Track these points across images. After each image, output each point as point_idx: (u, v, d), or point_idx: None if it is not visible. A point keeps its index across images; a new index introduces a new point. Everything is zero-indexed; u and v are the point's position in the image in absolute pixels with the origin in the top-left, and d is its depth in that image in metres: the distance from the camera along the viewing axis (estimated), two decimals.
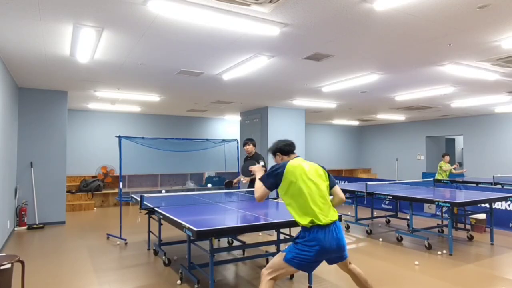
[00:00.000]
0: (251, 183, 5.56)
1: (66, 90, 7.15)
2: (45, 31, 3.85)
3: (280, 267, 2.58)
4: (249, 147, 5.50)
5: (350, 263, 2.82)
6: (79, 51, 4.44)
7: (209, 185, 4.87)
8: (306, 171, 2.69)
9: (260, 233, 5.89)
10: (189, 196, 5.39)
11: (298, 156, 2.89)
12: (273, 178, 2.70)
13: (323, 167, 2.88)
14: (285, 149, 2.91)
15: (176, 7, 3.13)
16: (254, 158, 5.62)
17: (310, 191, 2.62)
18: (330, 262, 2.72)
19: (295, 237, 2.66)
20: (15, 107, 6.37)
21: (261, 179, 2.75)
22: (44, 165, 6.91)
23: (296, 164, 2.71)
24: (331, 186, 2.84)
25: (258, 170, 2.97)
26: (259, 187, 2.72)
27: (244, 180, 5.36)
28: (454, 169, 8.71)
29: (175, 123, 11.34)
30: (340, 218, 3.61)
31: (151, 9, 3.27)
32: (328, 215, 2.61)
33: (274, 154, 2.95)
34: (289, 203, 2.67)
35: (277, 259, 2.62)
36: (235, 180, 5.67)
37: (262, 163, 5.53)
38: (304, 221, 2.56)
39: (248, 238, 5.67)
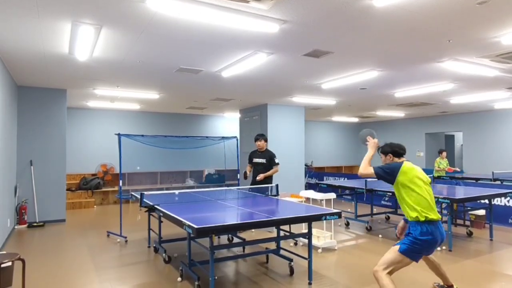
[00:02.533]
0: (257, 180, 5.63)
1: (65, 88, 7.13)
2: (43, 29, 3.84)
3: (396, 260, 2.87)
4: (261, 143, 5.66)
5: None
6: (77, 49, 4.43)
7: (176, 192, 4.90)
8: (418, 173, 3.03)
9: (253, 231, 5.89)
10: (189, 194, 5.40)
11: (408, 161, 3.13)
12: (384, 171, 3.04)
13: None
14: (400, 152, 3.21)
15: (175, 5, 3.12)
16: (266, 154, 5.68)
17: (423, 190, 2.95)
18: (428, 253, 3.02)
19: (408, 232, 2.97)
20: (14, 106, 6.36)
21: (376, 167, 3.06)
22: (44, 163, 6.91)
23: (410, 167, 3.04)
24: None
25: (373, 145, 3.28)
26: (368, 167, 3.11)
27: (260, 178, 5.46)
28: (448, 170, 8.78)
29: (175, 121, 11.33)
30: (340, 215, 3.63)
31: (150, 7, 3.26)
32: (435, 212, 2.94)
33: (386, 153, 3.23)
34: (407, 198, 2.98)
35: (390, 255, 2.89)
36: (248, 172, 5.78)
37: (277, 160, 5.61)
38: (414, 215, 2.92)
39: (248, 235, 5.68)
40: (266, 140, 5.76)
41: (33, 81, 6.48)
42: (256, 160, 5.77)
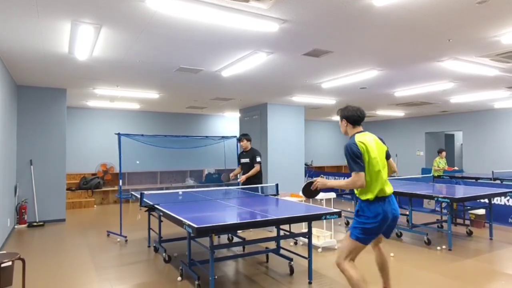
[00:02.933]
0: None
1: (65, 88, 7.13)
2: (43, 28, 3.84)
3: (350, 247, 2.71)
4: (243, 143, 5.67)
5: (381, 241, 3.02)
6: (77, 48, 4.43)
7: (180, 193, 4.88)
8: (372, 147, 2.73)
9: (251, 230, 5.89)
10: (189, 193, 5.40)
11: (362, 131, 2.86)
12: (361, 160, 2.67)
13: (381, 139, 2.93)
14: (355, 118, 2.85)
15: (174, 4, 3.12)
16: (250, 153, 5.70)
17: (378, 165, 2.71)
18: (384, 232, 2.84)
19: (356, 212, 2.78)
20: (14, 105, 6.35)
21: (352, 169, 2.66)
22: (44, 163, 6.91)
23: (363, 140, 2.73)
24: (387, 157, 2.91)
25: (323, 182, 2.88)
26: (355, 179, 2.64)
27: (241, 180, 5.48)
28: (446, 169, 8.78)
29: (175, 120, 11.32)
30: (340, 214, 3.63)
31: (150, 6, 3.26)
32: (388, 187, 2.74)
33: (341, 118, 2.92)
34: (368, 178, 2.70)
35: (345, 243, 2.75)
36: (231, 175, 5.76)
37: (258, 159, 5.59)
38: (371, 195, 2.68)
39: (248, 234, 5.69)
40: (249, 140, 5.74)
41: (32, 81, 6.48)
42: (242, 160, 5.83)
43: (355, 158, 2.66)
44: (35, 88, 6.93)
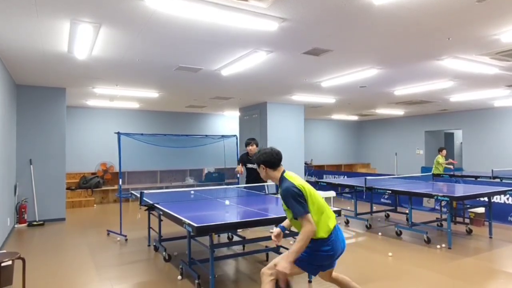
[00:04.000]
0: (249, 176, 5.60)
1: (64, 87, 7.12)
2: (42, 27, 3.83)
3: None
4: (252, 148, 5.46)
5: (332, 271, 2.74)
6: (76, 47, 4.42)
7: (227, 202, 4.76)
8: (305, 183, 2.57)
9: (248, 230, 5.88)
10: (189, 192, 5.40)
11: (285, 170, 2.66)
12: (303, 201, 2.45)
13: None
14: (273, 161, 2.63)
15: (173, 3, 3.11)
16: (255, 159, 5.58)
17: (318, 198, 2.54)
18: (326, 268, 2.58)
19: (307, 248, 2.47)
20: (13, 105, 6.35)
21: (298, 215, 2.41)
22: (44, 162, 6.91)
23: (296, 178, 2.57)
24: None
25: (283, 266, 2.44)
26: (307, 228, 2.38)
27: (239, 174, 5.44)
28: (448, 164, 8.81)
29: (174, 119, 11.32)
30: (339, 213, 3.63)
31: (149, 5, 3.25)
32: (333, 217, 2.56)
33: (258, 164, 2.68)
34: (316, 217, 2.47)
35: (281, 260, 2.49)
36: (240, 170, 5.64)
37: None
38: (327, 232, 2.46)
39: (248, 233, 5.69)
40: (257, 145, 5.64)
41: (32, 80, 6.47)
42: (248, 165, 5.64)
43: (300, 200, 2.42)
44: (34, 87, 6.92)
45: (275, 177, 2.66)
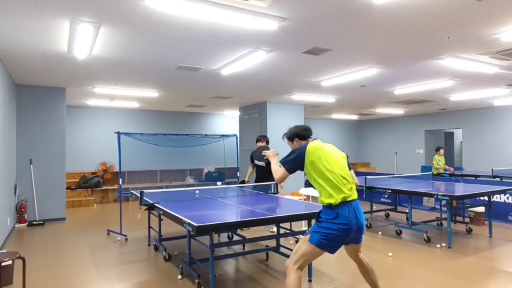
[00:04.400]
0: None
1: (64, 87, 7.12)
2: (42, 27, 3.83)
3: (306, 251, 2.50)
4: (262, 144, 5.62)
5: (360, 251, 2.81)
6: (76, 47, 4.42)
7: (219, 183, 4.87)
8: (327, 151, 2.68)
9: (249, 228, 5.89)
10: (189, 192, 5.40)
11: (316, 139, 2.84)
12: (294, 162, 2.65)
13: (342, 151, 2.92)
14: (303, 134, 2.88)
15: (173, 2, 3.11)
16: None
17: (333, 169, 2.59)
18: (348, 243, 2.66)
19: (317, 217, 2.60)
20: (13, 104, 6.35)
21: (281, 162, 2.70)
22: (44, 162, 6.91)
23: (316, 145, 2.68)
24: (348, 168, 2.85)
25: (272, 155, 2.98)
26: (278, 170, 2.70)
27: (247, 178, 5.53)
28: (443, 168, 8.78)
29: (174, 119, 11.32)
30: None
31: (149, 4, 3.25)
32: (352, 193, 2.58)
33: (292, 139, 2.91)
34: (316, 183, 2.61)
35: (301, 245, 2.54)
36: (246, 179, 5.76)
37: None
38: (331, 199, 2.51)
39: (248, 233, 5.69)
40: (268, 142, 5.75)
41: (32, 80, 6.47)
42: (257, 162, 5.76)
43: (293, 157, 2.67)
44: (34, 87, 6.92)
45: None
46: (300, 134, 2.88)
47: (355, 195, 2.58)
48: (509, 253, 4.67)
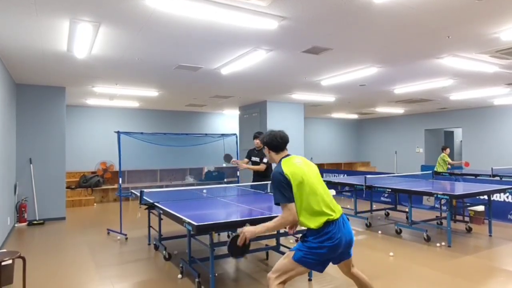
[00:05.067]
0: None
1: (64, 86, 7.12)
2: (41, 26, 3.83)
3: (289, 268, 2.36)
4: (259, 141, 5.59)
5: (353, 266, 2.66)
6: (76, 46, 4.41)
7: (204, 191, 4.94)
8: (305, 170, 2.45)
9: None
10: (189, 191, 5.40)
11: (288, 155, 2.58)
12: (289, 188, 2.38)
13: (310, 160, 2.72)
14: (274, 145, 2.57)
15: (173, 1, 3.11)
16: (261, 153, 5.68)
17: (315, 187, 2.42)
18: (336, 260, 2.50)
19: (303, 235, 2.45)
20: (13, 104, 6.34)
21: (278, 201, 2.41)
22: (43, 161, 6.91)
23: (290, 165, 2.44)
24: None
25: (250, 230, 2.46)
26: (285, 215, 2.39)
27: (241, 167, 5.44)
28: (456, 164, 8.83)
29: (174, 118, 11.32)
30: None
31: (148, 4, 3.25)
32: (335, 209, 2.44)
33: (263, 144, 2.65)
34: (299, 207, 2.40)
35: (284, 261, 2.39)
36: (237, 160, 5.67)
37: (265, 160, 5.57)
38: (316, 222, 2.34)
39: None
40: None
41: (31, 79, 6.47)
42: (253, 158, 5.80)
43: (281, 188, 2.37)
44: (34, 86, 6.91)
45: (276, 162, 2.58)
46: (270, 144, 2.58)
47: (338, 212, 2.43)
48: (509, 252, 4.68)
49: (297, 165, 2.46)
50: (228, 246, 2.46)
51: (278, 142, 2.57)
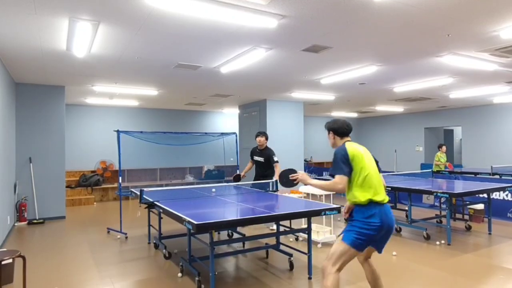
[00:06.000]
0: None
1: (63, 85, 7.11)
2: (40, 25, 3.82)
3: (342, 253, 2.51)
4: (262, 139, 5.69)
5: (370, 256, 2.81)
6: (75, 45, 4.41)
7: (213, 190, 5.00)
8: (363, 154, 2.71)
9: (250, 227, 5.91)
10: (189, 190, 5.40)
11: (350, 140, 2.90)
12: (348, 165, 2.64)
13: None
14: (340, 130, 2.92)
15: (172, 0, 3.10)
16: (265, 153, 5.69)
17: (371, 171, 2.65)
18: (375, 244, 2.64)
19: (350, 218, 2.64)
20: (12, 103, 6.34)
21: (334, 172, 2.66)
22: (43, 160, 6.90)
23: (353, 148, 2.73)
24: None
25: (305, 177, 2.89)
26: (335, 182, 2.63)
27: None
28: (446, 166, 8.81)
29: (174, 117, 11.31)
30: (339, 210, 3.65)
31: (148, 2, 3.24)
32: (384, 195, 2.64)
33: (328, 131, 2.99)
34: (355, 181, 2.63)
35: (337, 246, 2.55)
36: (242, 173, 5.73)
37: (276, 158, 5.59)
38: (366, 197, 2.55)
39: (247, 231, 5.70)
40: (267, 138, 5.78)
41: (31, 78, 6.46)
42: (256, 158, 5.83)
43: (340, 162, 2.65)
44: (33, 85, 6.90)
45: (337, 145, 2.88)
46: (336, 130, 2.93)
47: (386, 199, 2.63)
48: (509, 250, 4.69)
49: (358, 149, 2.76)
50: (280, 174, 3.01)
51: (345, 129, 2.92)
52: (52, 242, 5.32)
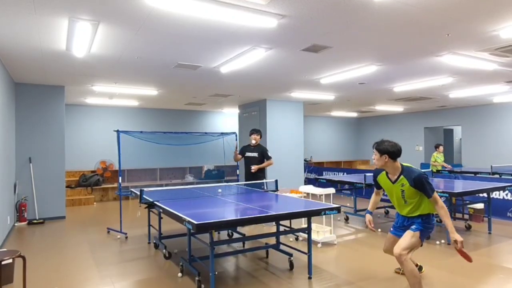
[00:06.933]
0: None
1: (63, 85, 7.11)
2: (40, 25, 3.82)
3: (414, 244, 3.09)
4: (257, 137, 5.91)
5: None
6: (75, 45, 4.41)
7: (220, 191, 5.07)
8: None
9: (253, 226, 5.93)
10: (189, 190, 5.40)
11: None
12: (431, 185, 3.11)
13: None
14: (395, 155, 3.22)
15: (172, 0, 3.10)
16: (259, 149, 5.85)
17: None
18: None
19: (423, 220, 3.16)
20: (12, 103, 6.34)
21: (432, 191, 3.06)
22: (43, 160, 6.90)
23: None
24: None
25: (456, 236, 2.98)
26: (438, 197, 3.10)
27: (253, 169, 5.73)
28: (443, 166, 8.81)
29: (174, 117, 11.31)
30: (339, 210, 3.66)
31: (147, 2, 3.24)
32: None
33: (381, 154, 3.21)
34: (425, 199, 3.16)
35: (412, 240, 3.08)
36: (238, 156, 5.98)
37: (270, 154, 5.83)
38: (433, 210, 3.17)
39: (247, 230, 5.70)
40: (261, 136, 6.04)
41: (30, 78, 6.46)
42: (248, 154, 5.91)
43: (429, 182, 3.10)
44: (33, 85, 6.90)
45: (394, 167, 3.22)
46: (392, 153, 3.19)
47: None
48: (508, 250, 4.69)
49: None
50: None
51: (399, 153, 3.23)
52: (52, 242, 5.32)
